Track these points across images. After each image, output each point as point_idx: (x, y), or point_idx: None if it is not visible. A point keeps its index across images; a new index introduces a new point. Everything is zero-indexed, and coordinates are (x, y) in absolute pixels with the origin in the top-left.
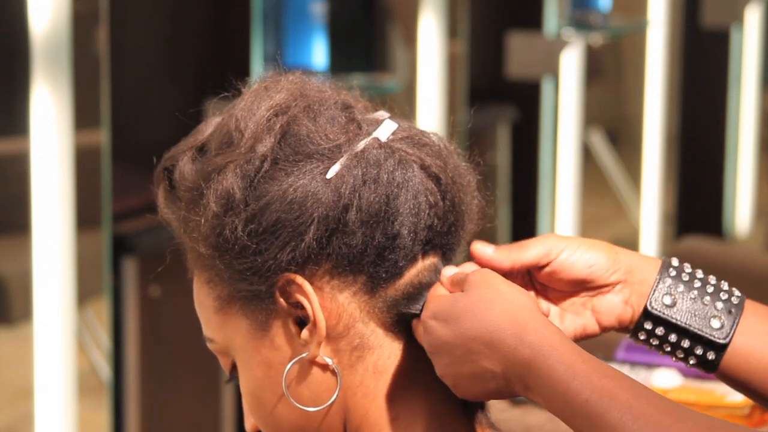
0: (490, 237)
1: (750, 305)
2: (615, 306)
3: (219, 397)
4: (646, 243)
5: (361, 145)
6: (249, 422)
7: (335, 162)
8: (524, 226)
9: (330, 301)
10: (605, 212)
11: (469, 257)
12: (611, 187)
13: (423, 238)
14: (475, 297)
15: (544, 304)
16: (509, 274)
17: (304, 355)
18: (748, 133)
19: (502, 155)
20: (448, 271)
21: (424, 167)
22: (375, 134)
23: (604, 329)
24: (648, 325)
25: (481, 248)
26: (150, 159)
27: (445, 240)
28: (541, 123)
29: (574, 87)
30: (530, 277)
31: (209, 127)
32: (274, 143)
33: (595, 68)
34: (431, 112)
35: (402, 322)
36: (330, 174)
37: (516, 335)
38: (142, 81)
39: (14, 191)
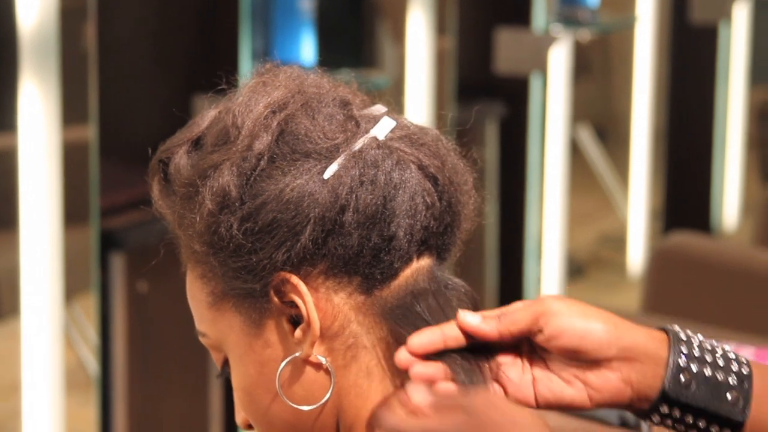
0: (478, 233)
1: (756, 369)
2: (610, 383)
3: (207, 393)
4: (633, 238)
5: (359, 144)
6: (240, 416)
7: (333, 161)
8: (512, 222)
9: (325, 302)
10: (593, 208)
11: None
12: (599, 182)
13: (419, 239)
14: (487, 422)
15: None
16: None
17: (297, 354)
18: (736, 129)
19: (490, 151)
20: (417, 394)
21: (421, 167)
22: (373, 132)
23: (597, 405)
24: (664, 409)
25: (467, 318)
26: (138, 154)
27: (440, 241)
28: (529, 119)
29: (562, 83)
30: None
31: (205, 120)
32: (271, 141)
33: (583, 64)
34: (419, 107)
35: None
36: (327, 174)
37: None
38: (130, 76)
39: (2, 187)
